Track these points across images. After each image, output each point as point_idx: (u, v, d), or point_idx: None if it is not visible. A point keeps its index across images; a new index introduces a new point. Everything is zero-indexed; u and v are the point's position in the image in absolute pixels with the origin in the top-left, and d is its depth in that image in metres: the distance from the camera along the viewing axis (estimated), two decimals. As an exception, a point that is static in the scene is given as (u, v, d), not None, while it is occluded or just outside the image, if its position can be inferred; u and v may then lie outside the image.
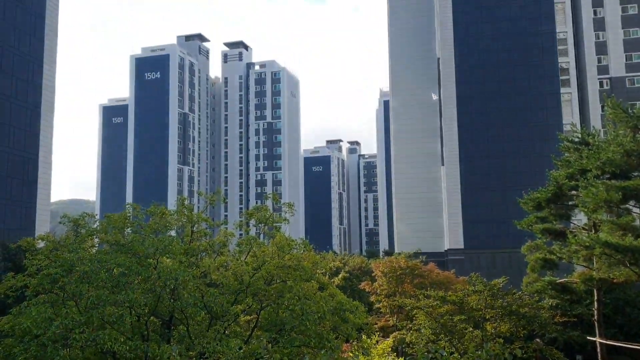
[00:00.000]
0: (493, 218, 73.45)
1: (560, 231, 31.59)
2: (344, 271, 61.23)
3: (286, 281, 23.70)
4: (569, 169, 31.12)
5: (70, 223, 30.45)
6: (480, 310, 33.36)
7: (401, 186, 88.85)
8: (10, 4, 56.50)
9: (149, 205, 28.07)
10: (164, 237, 25.61)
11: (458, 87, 78.41)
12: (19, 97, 56.77)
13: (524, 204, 33.09)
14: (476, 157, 76.59)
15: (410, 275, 51.00)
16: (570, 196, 31.84)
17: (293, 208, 29.76)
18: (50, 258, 24.44)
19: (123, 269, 20.57)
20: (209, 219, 30.43)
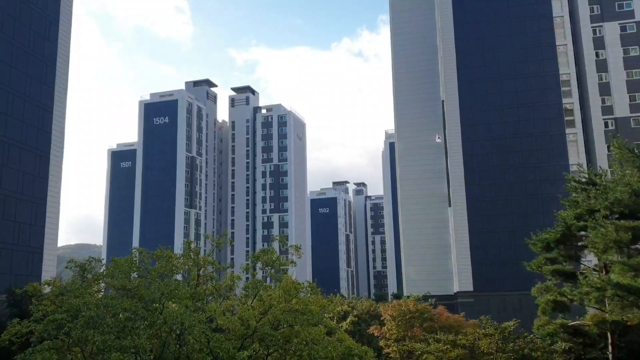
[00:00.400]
0: (502, 259, 72.74)
1: (570, 272, 31.22)
2: (352, 315, 60.38)
3: (293, 326, 23.38)
4: (577, 210, 30.96)
5: (77, 268, 30.40)
6: (491, 355, 32.70)
7: (408, 228, 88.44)
8: (21, 52, 57.85)
9: (155, 249, 28.05)
10: (170, 281, 25.48)
11: (463, 129, 78.90)
12: (28, 142, 57.51)
13: (533, 245, 32.81)
14: (483, 199, 76.41)
15: (419, 319, 50.17)
16: (579, 237, 31.58)
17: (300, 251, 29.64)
18: (56, 303, 24.33)
19: (129, 313, 20.42)
20: (215, 262, 30.31)
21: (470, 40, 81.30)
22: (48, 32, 61.74)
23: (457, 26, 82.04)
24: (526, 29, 79.83)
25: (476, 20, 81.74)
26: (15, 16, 57.44)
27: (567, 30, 78.83)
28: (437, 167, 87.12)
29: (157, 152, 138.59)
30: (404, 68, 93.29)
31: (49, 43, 61.68)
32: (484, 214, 75.90)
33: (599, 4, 79.48)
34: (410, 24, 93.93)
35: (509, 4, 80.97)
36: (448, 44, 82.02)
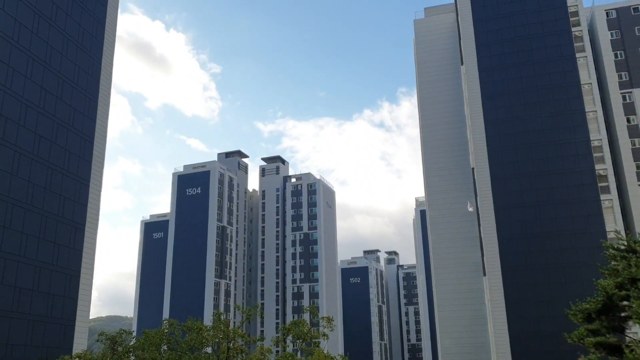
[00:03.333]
0: (541, 331, 69.96)
1: (615, 345, 29.77)
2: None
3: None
4: (618, 278, 29.87)
5: (108, 341, 30.35)
6: None
7: (442, 298, 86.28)
8: (61, 127, 60.28)
9: (185, 320, 27.92)
10: (199, 355, 25.19)
11: (494, 197, 78.12)
12: (65, 215, 58.91)
13: (573, 316, 31.56)
14: (519, 268, 74.49)
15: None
16: (622, 307, 30.30)
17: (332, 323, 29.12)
18: (86, 378, 24.15)
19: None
20: (245, 334, 29.95)
21: (498, 109, 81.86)
22: (87, 109, 64.50)
23: (485, 96, 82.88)
24: (554, 96, 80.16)
25: (504, 89, 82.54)
26: (57, 93, 60.30)
27: (596, 97, 78.87)
28: (470, 235, 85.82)
29: (189, 222, 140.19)
30: (433, 136, 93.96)
31: (88, 119, 64.30)
32: (520, 284, 73.73)
33: (627, 71, 79.73)
34: (438, 94, 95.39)
35: (535, 72, 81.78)
36: (476, 114, 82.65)
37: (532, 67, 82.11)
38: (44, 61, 58.88)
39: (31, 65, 57.08)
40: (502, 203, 77.62)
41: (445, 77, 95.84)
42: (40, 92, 57.96)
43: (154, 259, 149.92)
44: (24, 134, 55.18)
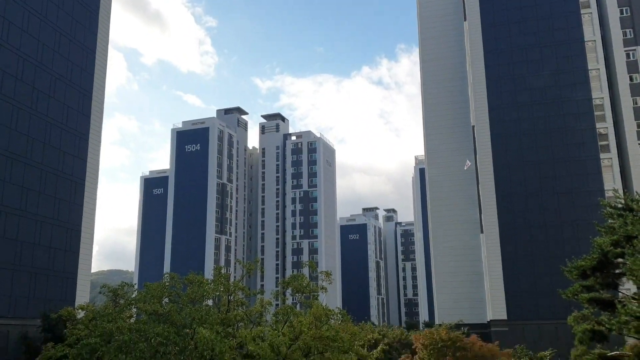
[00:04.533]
0: (536, 287, 71.10)
1: (608, 301, 30.32)
2: (382, 343, 59.54)
3: (324, 353, 23.21)
4: (614, 236, 30.19)
5: (110, 293, 30.87)
6: (527, 385, 31.79)
7: (440, 254, 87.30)
8: (60, 84, 59.77)
9: (186, 275, 28.33)
10: (201, 307, 25.65)
11: (494, 155, 78.15)
12: (65, 170, 59.00)
13: (568, 273, 32.04)
14: (516, 226, 75.16)
15: (452, 348, 49.23)
16: (616, 264, 30.72)
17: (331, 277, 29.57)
18: (89, 328, 24.70)
19: (161, 338, 20.55)
20: (245, 288, 30.42)
21: (500, 66, 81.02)
22: (85, 63, 63.80)
23: (487, 52, 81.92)
24: (557, 53, 79.24)
25: (506, 46, 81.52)
26: (55, 47, 59.54)
27: (599, 54, 77.98)
28: (469, 193, 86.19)
29: (189, 179, 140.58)
30: (434, 94, 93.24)
31: (86, 74, 63.68)
32: (517, 241, 74.55)
33: (632, 28, 78.59)
34: (440, 50, 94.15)
35: (539, 29, 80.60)
36: (478, 70, 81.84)
37: (536, 23, 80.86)
38: (40, 14, 57.91)
39: (28, 18, 56.17)
40: (502, 161, 77.70)
41: (447, 34, 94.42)
42: (37, 45, 57.22)
43: (154, 215, 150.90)
44: (21, 88, 54.76)
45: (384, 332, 73.03)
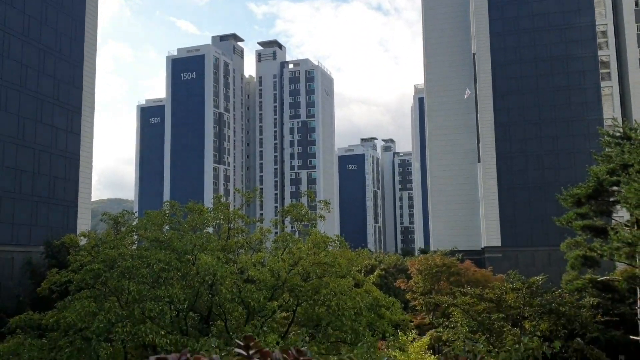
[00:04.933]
0: (531, 215, 72.17)
1: (601, 228, 30.89)
2: (379, 269, 61.06)
3: (322, 277, 23.80)
4: (610, 164, 30.39)
5: (111, 221, 31.29)
6: (518, 309, 32.85)
7: (437, 183, 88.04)
8: (51, 10, 58.09)
9: (186, 204, 28.63)
10: (201, 234, 26.08)
11: (494, 82, 77.26)
12: (60, 98, 58.33)
13: (563, 201, 32.46)
14: (513, 154, 75.35)
15: (446, 273, 50.58)
16: (611, 192, 31.10)
17: (329, 205, 29.91)
18: (92, 254, 25.19)
19: (163, 264, 21.00)
20: (245, 216, 30.82)
21: (503, -10, 78.68)
22: (76, -12, 61.78)
23: (490, -24, 79.30)
24: (562, -23, 76.80)
25: (510, -31, 78.84)
26: (43, -28, 57.47)
27: (605, -21, 75.63)
28: (468, 122, 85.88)
29: (185, 108, 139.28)
30: (434, 20, 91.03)
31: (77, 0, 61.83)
32: (513, 170, 75.00)
33: (640, -50, 75.81)
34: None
35: (544, -49, 77.72)
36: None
37: (542, -55, 77.90)
38: None
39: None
40: (502, 89, 76.92)
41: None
42: (24, -32, 55.14)
43: (151, 144, 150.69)
44: (12, 14, 53.24)
45: (380, 259, 74.75)
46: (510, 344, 12.32)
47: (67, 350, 18.98)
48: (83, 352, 19.36)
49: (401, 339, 24.11)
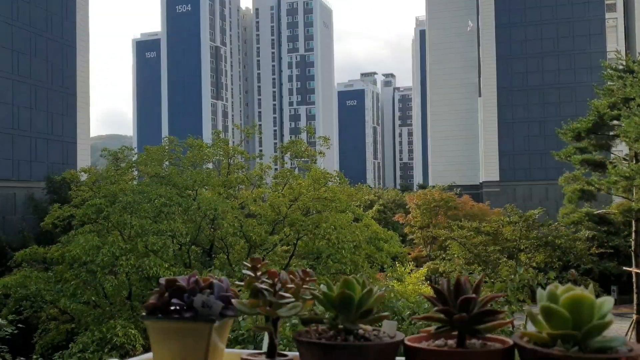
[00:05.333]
0: (531, 149, 72.21)
1: (599, 162, 30.93)
2: (378, 204, 61.68)
3: (322, 212, 24.08)
4: (612, 98, 30.11)
5: (110, 157, 31.30)
6: (514, 241, 33.44)
7: (437, 118, 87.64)
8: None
9: (185, 140, 28.56)
10: (201, 170, 26.17)
11: (497, 15, 75.47)
12: (54, 32, 57.14)
13: (563, 135, 32.34)
14: (514, 88, 74.57)
15: (444, 208, 51.14)
16: (611, 126, 30.97)
17: (328, 142, 29.88)
18: (93, 190, 25.35)
19: (164, 199, 21.16)
20: (245, 152, 30.81)
21: None
22: None
23: None
24: None
25: None
26: None
27: None
28: (469, 56, 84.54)
29: (181, 41, 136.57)
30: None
31: None
32: (514, 104, 74.45)
33: None
34: None
35: None
36: None
37: None
38: None
39: None
40: (504, 21, 75.25)
41: None
42: None
43: (148, 79, 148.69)
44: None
45: (379, 194, 75.34)
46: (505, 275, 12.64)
47: (72, 283, 19.42)
48: (88, 284, 19.82)
49: (399, 270, 24.66)
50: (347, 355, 1.15)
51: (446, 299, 1.21)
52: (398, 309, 7.63)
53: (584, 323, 1.06)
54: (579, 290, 1.09)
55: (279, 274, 1.31)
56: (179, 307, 1.26)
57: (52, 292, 19.98)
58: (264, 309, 1.26)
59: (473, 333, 1.20)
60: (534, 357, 1.07)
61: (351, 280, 1.25)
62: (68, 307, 19.50)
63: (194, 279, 1.32)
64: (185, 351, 1.27)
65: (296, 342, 1.22)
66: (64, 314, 20.84)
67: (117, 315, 19.29)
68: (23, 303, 20.81)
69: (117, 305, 20.62)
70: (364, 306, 1.24)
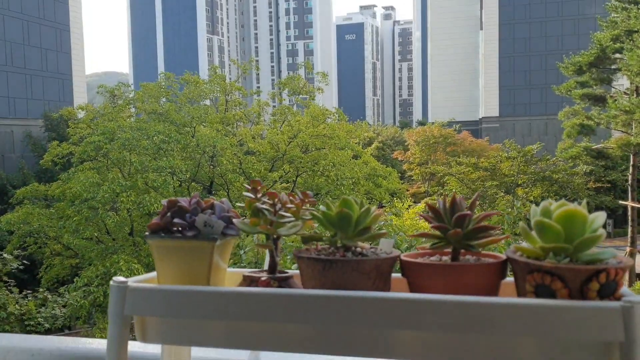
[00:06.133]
0: (531, 84, 71.50)
1: (600, 96, 30.72)
2: (377, 141, 61.62)
3: (321, 149, 24.11)
4: (615, 30, 29.56)
5: (107, 93, 31.03)
6: (512, 177, 33.65)
7: (437, 53, 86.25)
8: None
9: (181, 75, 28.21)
10: (199, 106, 25.99)
11: (501, -57, 73.06)
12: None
13: (564, 69, 31.96)
14: (517, 20, 72.98)
15: (443, 144, 51.10)
16: (613, 59, 30.55)
17: (327, 78, 29.52)
18: (91, 127, 25.25)
19: (163, 136, 21.11)
20: (242, 88, 30.51)
21: None
22: None
23: None
24: None
25: None
26: None
27: None
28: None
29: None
30: None
31: None
32: (516, 37, 73.09)
33: None
34: None
35: None
36: None
37: None
38: None
39: None
40: (508, -49, 72.92)
41: None
42: None
43: (143, 14, 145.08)
44: None
45: (378, 131, 75.07)
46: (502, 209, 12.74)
47: (75, 219, 19.64)
48: (90, 220, 20.05)
49: (397, 205, 24.94)
50: (345, 269, 1.19)
51: (441, 216, 1.24)
52: (396, 242, 7.77)
53: (576, 236, 1.09)
54: (572, 206, 1.11)
55: (279, 195, 1.34)
56: (182, 226, 1.29)
57: (55, 228, 20.26)
58: (264, 227, 1.29)
59: (467, 249, 1.24)
60: (526, 270, 1.11)
61: (349, 199, 1.27)
62: (71, 243, 19.84)
63: (196, 199, 1.34)
64: (188, 269, 1.31)
65: (296, 258, 1.26)
66: (67, 250, 21.20)
67: (119, 250, 19.64)
68: (27, 239, 21.15)
69: (119, 241, 20.96)
70: (361, 224, 1.27)
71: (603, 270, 1.05)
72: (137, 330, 1.29)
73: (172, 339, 1.29)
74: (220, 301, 1.18)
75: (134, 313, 1.24)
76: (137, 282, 1.28)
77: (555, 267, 1.07)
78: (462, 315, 1.06)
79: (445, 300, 1.08)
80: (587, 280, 1.05)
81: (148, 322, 1.28)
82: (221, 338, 1.24)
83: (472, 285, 1.16)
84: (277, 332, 1.19)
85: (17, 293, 16.17)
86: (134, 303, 1.23)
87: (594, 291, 1.05)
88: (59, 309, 16.20)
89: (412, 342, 1.13)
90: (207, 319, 1.22)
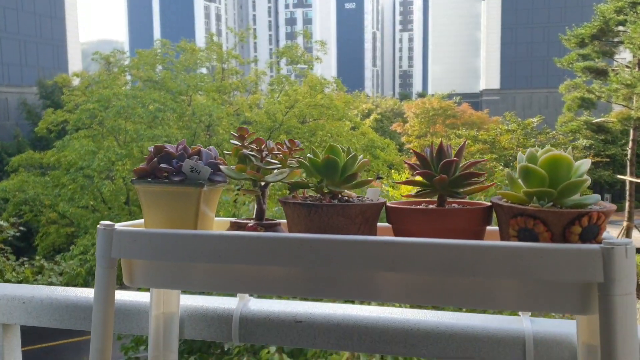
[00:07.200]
0: (533, 56, 70.87)
1: (602, 69, 30.52)
2: (375, 113, 61.35)
3: (318, 120, 24.00)
4: (619, 2, 29.24)
5: (102, 60, 30.71)
6: (511, 150, 33.59)
7: (438, 23, 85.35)
8: None
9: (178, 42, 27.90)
10: (195, 75, 25.76)
11: None
12: None
13: (567, 41, 31.69)
14: (519, -8, 72.15)
15: (442, 116, 50.84)
16: (616, 32, 30.29)
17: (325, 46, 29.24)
18: (86, 94, 25.06)
19: (158, 104, 20.97)
20: (239, 56, 30.22)
21: None
22: None
23: None
24: None
25: None
26: None
27: None
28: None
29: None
30: None
31: None
32: (518, 8, 72.19)
33: None
34: None
35: None
36: None
37: None
38: None
39: None
40: None
41: None
42: None
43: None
44: None
45: (377, 103, 74.65)
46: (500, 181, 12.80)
47: (70, 187, 19.61)
48: (86, 189, 20.03)
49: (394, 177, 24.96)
50: (331, 214, 1.19)
51: (428, 163, 1.24)
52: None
53: (560, 181, 1.09)
54: (558, 152, 1.11)
55: (266, 142, 1.33)
56: (168, 172, 1.29)
57: (51, 196, 20.23)
58: (251, 172, 1.28)
59: (454, 196, 1.24)
60: (510, 214, 1.11)
61: (336, 146, 1.27)
62: (67, 211, 19.82)
63: (182, 145, 1.34)
64: (175, 215, 1.30)
65: (282, 204, 1.26)
66: (63, 218, 21.21)
67: (115, 219, 19.66)
68: (22, 207, 21.14)
69: (115, 209, 20.95)
70: (348, 171, 1.26)
71: (585, 214, 1.06)
72: (124, 274, 1.29)
73: (158, 283, 1.29)
74: (207, 244, 1.19)
75: (120, 256, 1.24)
76: (124, 227, 1.28)
77: (538, 211, 1.07)
78: (446, 257, 1.06)
79: (430, 243, 1.08)
80: (570, 223, 1.05)
81: (134, 266, 1.28)
82: (207, 281, 1.24)
83: (457, 231, 1.16)
84: (264, 275, 1.20)
85: (14, 261, 16.26)
86: (120, 246, 1.23)
87: (576, 234, 1.05)
88: (55, 277, 16.31)
89: (397, 285, 1.14)
90: (193, 262, 1.22)
